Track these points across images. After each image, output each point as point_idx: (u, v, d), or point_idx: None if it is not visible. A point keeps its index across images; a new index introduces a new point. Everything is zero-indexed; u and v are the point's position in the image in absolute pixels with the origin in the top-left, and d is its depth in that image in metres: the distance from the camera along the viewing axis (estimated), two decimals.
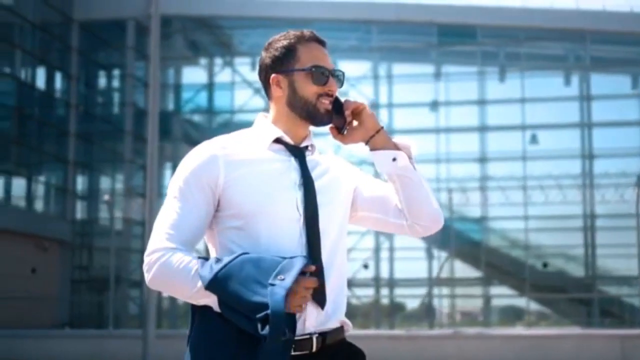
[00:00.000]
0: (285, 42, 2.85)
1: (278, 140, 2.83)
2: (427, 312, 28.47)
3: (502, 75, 29.13)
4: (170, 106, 31.14)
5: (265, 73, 2.89)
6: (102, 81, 32.34)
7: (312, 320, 2.68)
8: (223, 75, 30.63)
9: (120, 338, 16.67)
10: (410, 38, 29.78)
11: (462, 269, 28.95)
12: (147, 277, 2.68)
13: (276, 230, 2.70)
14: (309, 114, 2.82)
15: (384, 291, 28.99)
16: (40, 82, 29.16)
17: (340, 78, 2.87)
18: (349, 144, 2.92)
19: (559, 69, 29.56)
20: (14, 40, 26.84)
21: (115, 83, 31.46)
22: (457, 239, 28.09)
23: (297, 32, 2.87)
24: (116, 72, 30.99)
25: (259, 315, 2.44)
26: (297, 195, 2.75)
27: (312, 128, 2.89)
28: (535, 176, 27.82)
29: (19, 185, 27.41)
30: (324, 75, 2.82)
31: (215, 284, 2.53)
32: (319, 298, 2.68)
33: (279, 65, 2.84)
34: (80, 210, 29.73)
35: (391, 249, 28.78)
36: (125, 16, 28.00)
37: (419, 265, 28.40)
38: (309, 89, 2.80)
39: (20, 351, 16.09)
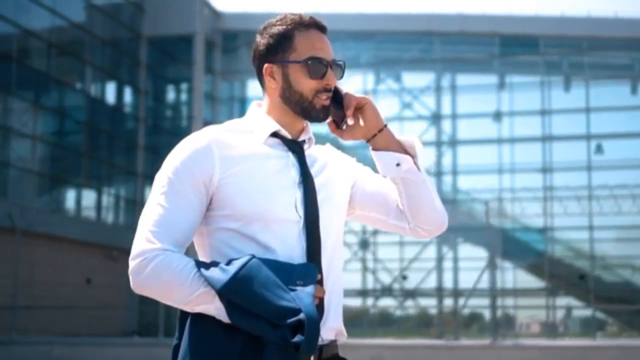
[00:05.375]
0: (281, 28, 2.59)
1: (275, 134, 2.61)
2: (494, 323, 28.28)
3: (567, 85, 28.92)
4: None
5: (258, 61, 2.64)
6: (170, 95, 32.98)
7: None
8: None
9: (168, 346, 17.01)
10: (473, 49, 29.76)
11: (526, 280, 28.77)
12: (137, 280, 2.41)
13: (275, 234, 2.48)
14: (304, 110, 2.58)
15: (448, 301, 28.98)
16: (110, 96, 29.84)
17: (341, 68, 2.63)
18: (348, 140, 2.69)
19: (624, 78, 29.22)
20: (85, 56, 27.49)
21: (183, 97, 32.03)
22: (520, 249, 27.98)
23: (295, 17, 2.60)
24: (184, 87, 31.52)
25: (289, 321, 2.25)
26: (297, 195, 2.53)
27: None
28: (600, 186, 27.54)
29: (89, 197, 28.04)
30: (322, 67, 2.56)
31: (232, 287, 2.31)
32: (318, 307, 2.41)
33: (272, 53, 2.59)
34: None
35: (455, 259, 28.81)
36: (192, 32, 28.54)
37: (483, 275, 28.31)
38: (305, 84, 2.55)
39: (74, 357, 16.61)
